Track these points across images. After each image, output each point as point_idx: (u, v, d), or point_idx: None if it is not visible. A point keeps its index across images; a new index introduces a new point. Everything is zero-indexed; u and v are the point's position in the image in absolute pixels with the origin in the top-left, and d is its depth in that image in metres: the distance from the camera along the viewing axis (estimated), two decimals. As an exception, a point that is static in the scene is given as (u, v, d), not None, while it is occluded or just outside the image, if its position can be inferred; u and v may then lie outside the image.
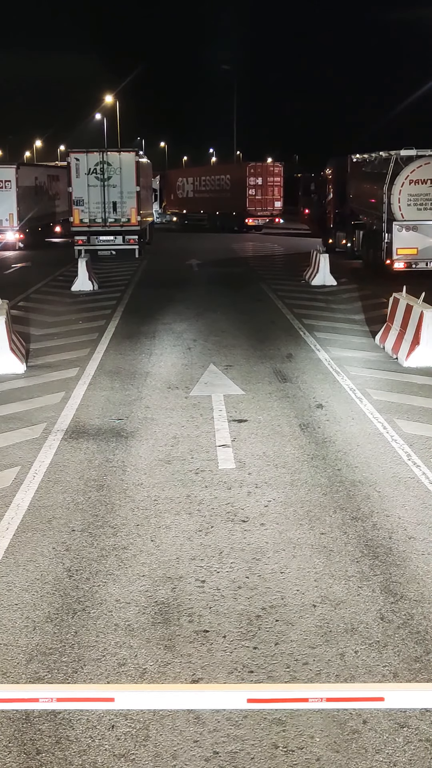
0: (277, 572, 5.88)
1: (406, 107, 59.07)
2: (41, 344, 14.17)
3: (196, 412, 9.87)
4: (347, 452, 8.41)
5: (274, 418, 9.64)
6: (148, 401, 10.43)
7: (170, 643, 5.01)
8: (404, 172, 20.52)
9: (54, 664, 4.81)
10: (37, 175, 36.94)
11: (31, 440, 8.87)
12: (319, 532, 6.54)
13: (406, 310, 12.49)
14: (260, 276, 23.84)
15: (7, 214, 32.12)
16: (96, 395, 10.75)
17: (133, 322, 16.31)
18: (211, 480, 7.69)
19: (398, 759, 4.04)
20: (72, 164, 28.86)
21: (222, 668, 4.76)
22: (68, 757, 4.08)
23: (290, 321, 16.24)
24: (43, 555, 6.19)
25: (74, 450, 8.57)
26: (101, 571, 5.92)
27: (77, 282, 21.21)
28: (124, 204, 28.67)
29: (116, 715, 4.34)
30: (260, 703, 4.24)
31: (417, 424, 9.28)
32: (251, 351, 13.39)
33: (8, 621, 5.27)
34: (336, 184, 29.40)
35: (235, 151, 70.53)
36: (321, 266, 21.58)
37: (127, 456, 8.37)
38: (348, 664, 4.78)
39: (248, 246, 36.83)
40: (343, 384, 11.15)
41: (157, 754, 4.09)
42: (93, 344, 14.09)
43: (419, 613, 5.31)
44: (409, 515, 6.84)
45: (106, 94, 66.86)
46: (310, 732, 4.21)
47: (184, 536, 6.49)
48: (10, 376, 11.81)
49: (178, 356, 13.08)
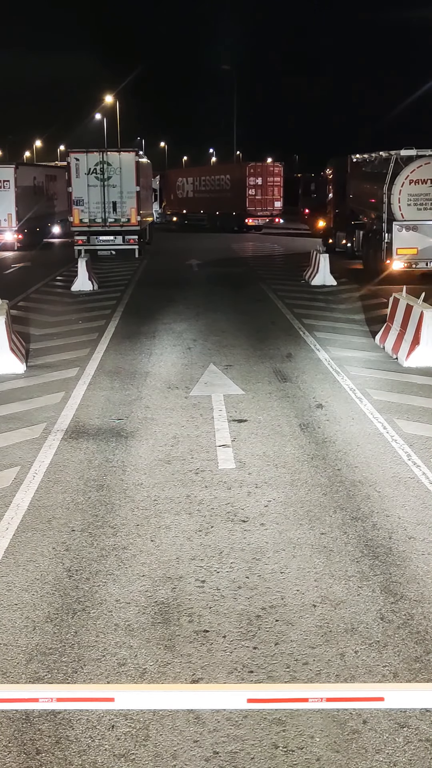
0: (277, 572, 5.88)
1: (406, 107, 59.12)
2: (41, 344, 14.17)
3: (196, 412, 9.87)
4: (347, 452, 8.41)
5: (274, 418, 9.64)
6: (148, 401, 10.43)
7: (170, 643, 5.01)
8: (404, 172, 20.50)
9: (54, 664, 4.81)
10: (36, 175, 36.92)
11: (31, 440, 8.87)
12: (319, 532, 6.54)
13: (406, 310, 12.49)
14: (260, 276, 23.84)
15: (5, 214, 32.08)
16: (96, 395, 10.75)
17: (133, 322, 16.31)
18: (211, 480, 7.69)
19: (398, 759, 4.04)
20: (72, 164, 28.86)
21: (222, 668, 4.76)
22: (68, 757, 4.07)
23: (290, 321, 16.24)
24: (42, 555, 6.19)
25: (74, 450, 8.57)
26: (101, 571, 5.92)
27: (77, 282, 21.21)
28: (124, 204, 28.67)
29: (116, 715, 4.33)
30: (260, 703, 4.24)
31: (417, 424, 9.28)
32: (251, 351, 13.39)
33: (8, 621, 5.27)
34: (336, 184, 29.40)
35: (235, 151, 70.60)
36: (321, 266, 21.59)
37: (127, 456, 8.37)
38: (348, 664, 4.78)
39: (248, 246, 36.83)
40: (343, 384, 11.15)
41: (157, 754, 4.08)
42: (93, 344, 14.08)
43: (419, 613, 5.31)
44: (409, 515, 6.84)
45: (106, 94, 66.97)
46: (310, 732, 4.21)
47: (184, 536, 6.48)
48: (10, 376, 11.81)
49: (178, 356, 13.08)
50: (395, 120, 60.23)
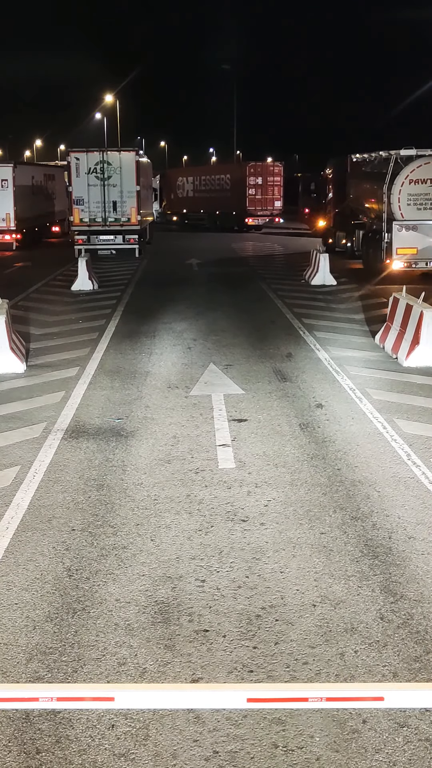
0: (276, 572, 5.89)
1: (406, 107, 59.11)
2: (41, 344, 14.17)
3: (196, 412, 9.87)
4: (347, 452, 8.41)
5: (274, 417, 9.64)
6: (148, 401, 10.43)
7: (170, 643, 5.01)
8: (404, 172, 20.51)
9: (54, 663, 4.81)
10: (35, 174, 36.86)
11: (31, 440, 8.87)
12: (319, 531, 6.55)
13: (405, 309, 12.49)
14: (260, 275, 23.84)
15: (4, 213, 32.03)
16: (96, 395, 10.75)
17: (133, 321, 16.31)
18: (211, 479, 7.69)
19: (398, 759, 4.04)
20: (72, 164, 28.86)
21: (222, 668, 4.76)
22: (68, 756, 4.08)
23: (290, 320, 16.24)
24: (43, 554, 6.19)
25: (74, 449, 8.57)
26: (101, 571, 5.92)
27: (77, 281, 21.21)
28: (124, 203, 28.67)
29: (116, 715, 4.34)
30: (260, 703, 4.25)
31: (417, 423, 9.28)
32: (251, 350, 13.39)
33: (8, 620, 5.27)
34: (336, 183, 29.40)
35: (235, 150, 70.61)
36: (321, 266, 21.59)
37: (127, 455, 8.37)
38: (348, 664, 4.79)
39: (248, 246, 36.84)
40: (342, 384, 11.15)
41: (157, 753, 4.09)
42: (93, 344, 14.09)
43: (419, 613, 5.32)
44: (408, 515, 6.84)
45: (106, 94, 66.89)
46: (309, 731, 4.21)
47: (184, 536, 6.49)
48: (10, 375, 11.81)
49: (178, 355, 13.08)
50: (395, 120, 60.23)
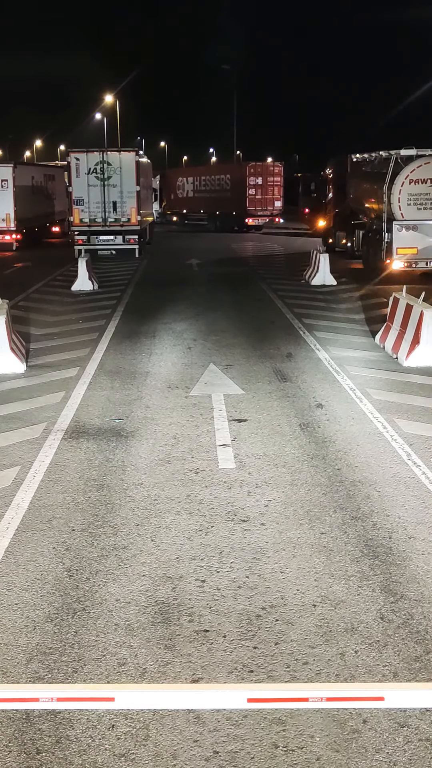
0: (277, 572, 5.89)
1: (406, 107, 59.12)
2: (41, 344, 14.17)
3: (196, 412, 9.87)
4: (347, 452, 8.41)
5: (274, 417, 9.64)
6: (148, 401, 10.43)
7: (170, 643, 5.01)
8: (404, 172, 20.51)
9: (54, 663, 4.81)
10: (35, 174, 36.86)
11: (31, 440, 8.87)
12: (319, 531, 6.54)
13: (406, 309, 12.49)
14: (260, 276, 23.84)
15: (4, 214, 32.02)
16: (96, 395, 10.75)
17: (133, 321, 16.31)
18: (211, 480, 7.69)
19: (398, 758, 4.04)
20: (72, 164, 28.85)
21: (222, 668, 4.76)
22: (68, 756, 4.08)
23: (290, 320, 16.24)
24: (43, 555, 6.19)
25: (74, 450, 8.57)
26: (101, 571, 5.92)
27: (77, 282, 21.21)
28: (124, 204, 28.67)
29: (116, 715, 4.34)
30: (260, 703, 4.24)
31: (417, 423, 9.28)
32: (251, 350, 13.39)
33: (8, 621, 5.27)
34: (336, 183, 29.40)
35: (235, 150, 70.57)
36: (321, 266, 21.59)
37: (127, 456, 8.37)
38: (348, 664, 4.78)
39: (248, 246, 36.84)
40: (343, 384, 11.15)
41: (157, 753, 4.09)
42: (93, 344, 14.09)
43: (419, 613, 5.32)
44: (409, 515, 6.84)
45: (106, 94, 66.91)
46: (310, 731, 4.21)
47: (184, 536, 6.49)
48: (10, 375, 11.81)
49: (178, 356, 13.08)
50: (395, 120, 60.24)
